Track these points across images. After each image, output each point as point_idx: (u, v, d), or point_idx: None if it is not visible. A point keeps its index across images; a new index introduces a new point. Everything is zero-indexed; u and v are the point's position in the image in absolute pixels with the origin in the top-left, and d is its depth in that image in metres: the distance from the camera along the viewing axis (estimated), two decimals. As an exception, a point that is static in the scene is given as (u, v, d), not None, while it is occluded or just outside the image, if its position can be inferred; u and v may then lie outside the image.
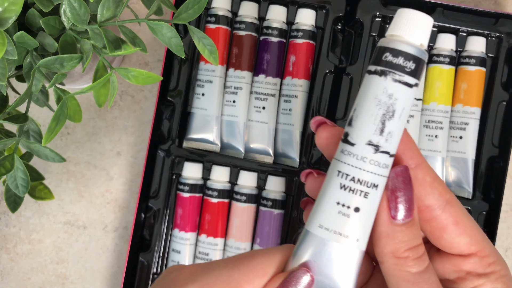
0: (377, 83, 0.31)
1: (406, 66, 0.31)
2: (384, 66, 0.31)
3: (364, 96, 0.32)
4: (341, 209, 0.32)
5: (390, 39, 0.32)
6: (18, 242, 0.69)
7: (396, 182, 0.32)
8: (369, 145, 0.32)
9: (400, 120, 0.31)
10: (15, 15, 0.41)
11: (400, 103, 0.31)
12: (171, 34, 0.48)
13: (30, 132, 0.52)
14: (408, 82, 0.31)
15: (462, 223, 0.33)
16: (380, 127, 0.31)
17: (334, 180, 0.32)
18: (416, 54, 0.31)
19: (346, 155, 0.32)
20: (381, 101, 0.31)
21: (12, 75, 0.50)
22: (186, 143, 0.64)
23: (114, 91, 0.48)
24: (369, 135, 0.32)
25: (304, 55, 0.63)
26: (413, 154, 0.34)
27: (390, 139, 0.32)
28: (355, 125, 0.32)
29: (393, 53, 0.31)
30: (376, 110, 0.31)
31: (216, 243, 0.63)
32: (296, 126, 0.63)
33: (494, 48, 0.63)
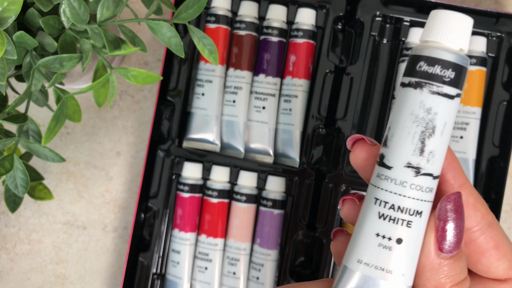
0: (412, 97, 0.28)
1: (445, 76, 0.28)
2: (419, 77, 0.28)
3: (399, 112, 0.29)
4: (381, 241, 0.29)
5: (424, 46, 0.29)
6: (17, 242, 0.69)
7: (447, 210, 0.29)
8: (408, 168, 0.28)
9: (442, 137, 0.28)
10: (15, 15, 0.41)
11: (441, 118, 0.28)
12: (171, 33, 0.48)
13: (30, 132, 0.52)
14: (448, 93, 0.28)
15: (502, 247, 0.31)
16: (419, 146, 0.28)
17: (371, 209, 0.29)
18: (455, 61, 0.28)
19: (383, 180, 0.29)
20: (418, 116, 0.28)
21: (12, 75, 0.50)
22: (186, 143, 0.64)
23: (113, 91, 0.48)
24: (408, 156, 0.28)
25: (304, 55, 0.63)
26: (456, 174, 0.31)
27: (432, 159, 0.28)
28: (391, 145, 0.29)
29: (429, 62, 0.28)
30: (414, 127, 0.28)
31: (216, 243, 0.63)
32: (296, 126, 0.63)
33: (494, 48, 0.63)
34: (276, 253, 0.63)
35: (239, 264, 0.62)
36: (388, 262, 0.28)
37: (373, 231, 0.29)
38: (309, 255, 0.64)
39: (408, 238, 0.28)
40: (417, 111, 0.28)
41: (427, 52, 0.28)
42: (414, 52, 0.29)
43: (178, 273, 0.63)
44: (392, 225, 0.28)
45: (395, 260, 0.28)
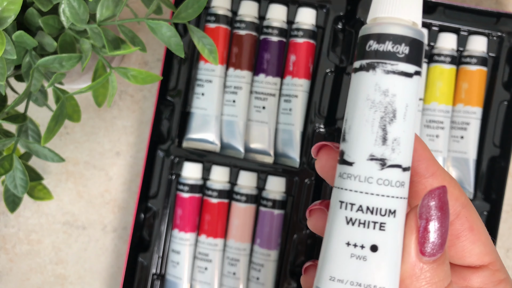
0: (365, 81, 0.25)
1: (398, 52, 0.24)
2: (370, 58, 0.24)
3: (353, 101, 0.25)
4: (353, 251, 0.24)
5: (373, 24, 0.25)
6: (17, 242, 0.69)
7: (430, 207, 0.26)
8: (372, 160, 0.25)
9: (405, 122, 0.25)
10: (14, 15, 0.41)
11: (401, 100, 0.24)
12: (170, 33, 0.47)
13: (29, 132, 0.52)
14: (405, 71, 0.24)
15: (477, 229, 0.29)
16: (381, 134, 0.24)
17: (337, 215, 0.25)
18: (408, 34, 0.24)
19: (345, 179, 0.25)
20: (375, 101, 0.24)
21: (11, 75, 0.50)
22: (186, 143, 0.64)
23: (113, 90, 0.48)
24: (370, 148, 0.25)
25: (304, 55, 0.63)
26: (428, 163, 0.28)
27: (398, 148, 0.25)
28: (350, 138, 0.25)
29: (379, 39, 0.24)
30: (372, 113, 0.24)
31: (216, 243, 0.63)
32: (296, 126, 0.63)
33: (495, 48, 0.63)
34: (276, 253, 0.63)
35: (239, 265, 0.62)
36: (365, 275, 0.24)
37: (342, 240, 0.25)
38: (309, 255, 0.64)
39: (384, 243, 0.24)
40: (373, 95, 0.24)
41: (375, 29, 0.25)
42: (362, 32, 0.25)
43: (178, 274, 0.63)
44: (363, 230, 0.24)
45: (372, 272, 0.24)
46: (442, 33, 0.62)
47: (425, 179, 0.28)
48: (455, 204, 0.29)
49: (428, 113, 0.62)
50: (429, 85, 0.62)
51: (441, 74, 0.62)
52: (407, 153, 0.25)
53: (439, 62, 0.62)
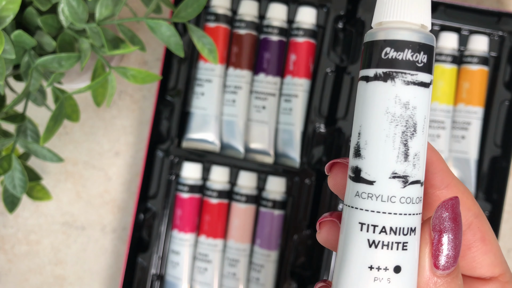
0: (384, 92, 0.23)
1: (417, 61, 0.23)
2: (387, 67, 0.23)
3: (370, 113, 0.24)
4: (377, 274, 0.23)
5: (382, 28, 0.23)
6: (15, 243, 0.69)
7: (444, 219, 0.25)
8: (394, 178, 0.23)
9: (423, 135, 0.24)
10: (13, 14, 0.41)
11: (421, 112, 0.23)
12: (170, 32, 0.47)
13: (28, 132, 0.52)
14: (424, 81, 0.23)
15: (488, 240, 0.28)
16: (403, 150, 0.23)
17: (358, 237, 0.24)
18: (425, 41, 0.23)
19: (365, 199, 0.24)
20: (395, 114, 0.23)
21: (10, 74, 0.50)
22: (185, 143, 0.64)
23: (112, 90, 0.48)
24: (392, 165, 0.23)
25: (304, 54, 0.63)
26: (444, 174, 0.28)
27: (418, 163, 0.24)
28: (368, 155, 0.24)
29: (396, 46, 0.23)
30: (393, 128, 0.23)
31: (216, 244, 0.62)
32: (296, 126, 0.62)
33: (496, 47, 0.63)
34: (276, 254, 0.62)
35: (239, 265, 0.62)
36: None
37: (365, 264, 0.24)
38: (309, 256, 0.64)
39: (406, 263, 0.24)
40: (393, 108, 0.23)
41: (390, 34, 0.23)
42: (372, 37, 0.24)
43: (178, 274, 0.63)
44: (386, 252, 0.23)
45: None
46: (443, 33, 0.62)
47: (440, 191, 0.28)
48: (468, 214, 0.28)
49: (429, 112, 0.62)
50: (430, 85, 0.62)
51: (442, 74, 0.62)
52: (423, 168, 0.24)
53: (440, 61, 0.62)
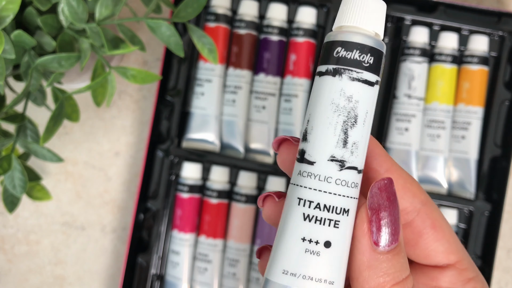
0: (331, 85, 0.27)
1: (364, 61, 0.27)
2: (337, 64, 0.27)
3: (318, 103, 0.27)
4: (308, 246, 0.26)
5: (340, 31, 0.27)
6: (15, 243, 0.69)
7: (379, 199, 0.27)
8: (332, 161, 0.26)
9: (364, 127, 0.27)
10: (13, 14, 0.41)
11: (362, 106, 0.27)
12: (170, 32, 0.47)
13: (28, 132, 0.52)
14: (369, 80, 0.27)
15: (440, 227, 0.30)
16: (342, 137, 0.27)
17: (295, 211, 0.27)
18: (374, 45, 0.27)
19: (305, 178, 0.27)
20: (339, 105, 0.27)
21: (10, 74, 0.50)
22: (185, 143, 0.64)
23: (112, 90, 0.48)
24: (331, 149, 0.27)
25: (304, 54, 0.63)
26: (382, 159, 0.30)
27: (356, 151, 0.27)
28: (312, 139, 0.27)
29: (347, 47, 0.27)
30: (335, 117, 0.27)
31: (216, 244, 0.62)
32: (296, 126, 0.62)
33: (496, 47, 0.63)
34: (276, 254, 0.62)
35: (239, 265, 0.62)
36: (318, 270, 0.26)
37: (298, 235, 0.26)
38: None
39: (336, 240, 0.26)
40: (338, 100, 0.27)
41: (344, 37, 0.27)
42: (330, 38, 0.27)
43: (178, 274, 0.63)
44: (319, 226, 0.26)
45: (324, 267, 0.26)
46: (443, 33, 0.62)
47: (380, 175, 0.29)
48: (414, 201, 0.29)
49: (429, 112, 0.62)
50: (430, 85, 0.62)
51: (442, 74, 0.62)
52: (363, 157, 0.27)
53: (440, 61, 0.62)
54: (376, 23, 0.27)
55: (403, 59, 0.63)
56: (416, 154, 0.62)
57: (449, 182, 0.63)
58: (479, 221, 0.62)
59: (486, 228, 0.62)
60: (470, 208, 0.62)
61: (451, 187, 0.63)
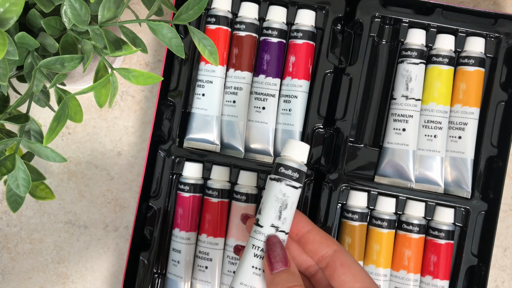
0: (275, 187, 0.47)
1: (293, 176, 0.47)
2: (280, 175, 0.47)
3: (268, 195, 0.47)
4: (255, 271, 0.47)
5: (283, 158, 0.48)
6: (19, 241, 0.69)
7: (267, 246, 0.46)
8: (272, 227, 0.47)
9: (291, 210, 0.47)
10: (16, 16, 0.41)
11: (290, 200, 0.47)
12: (171, 34, 0.48)
13: (31, 132, 0.52)
14: (295, 186, 0.47)
15: (346, 264, 0.46)
16: (278, 215, 0.47)
17: (250, 251, 0.47)
18: (299, 168, 0.47)
19: (257, 233, 0.47)
20: (278, 198, 0.47)
21: (13, 76, 0.50)
22: (187, 143, 0.64)
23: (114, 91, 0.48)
24: (272, 220, 0.47)
25: (304, 56, 0.63)
26: (304, 223, 0.49)
27: (285, 222, 0.47)
28: (263, 213, 0.47)
29: (285, 167, 0.47)
30: (276, 204, 0.47)
31: (217, 242, 0.63)
32: (296, 126, 0.63)
33: (493, 49, 0.63)
34: (276, 252, 0.63)
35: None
36: (257, 283, 0.47)
37: (251, 265, 0.47)
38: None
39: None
40: (278, 195, 0.47)
41: (285, 162, 0.47)
42: (278, 161, 0.48)
43: (179, 272, 0.63)
44: (260, 261, 0.47)
45: (260, 282, 0.47)
46: (440, 34, 0.63)
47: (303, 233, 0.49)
48: (328, 250, 0.48)
49: (426, 113, 0.62)
50: (427, 86, 0.63)
51: (439, 75, 0.62)
52: (289, 225, 0.48)
53: (437, 63, 0.62)
54: (302, 155, 0.48)
55: (401, 60, 0.63)
56: (413, 154, 0.62)
57: (446, 182, 0.63)
58: (475, 220, 0.62)
59: (482, 227, 0.63)
60: (466, 207, 0.62)
61: (447, 186, 0.63)
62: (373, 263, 0.62)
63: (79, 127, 0.69)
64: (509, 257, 0.68)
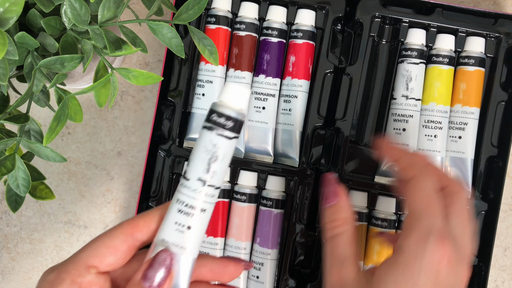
0: (206, 136, 0.41)
1: (226, 124, 0.41)
2: (211, 123, 0.41)
3: (197, 145, 0.42)
4: (178, 227, 0.42)
5: (217, 103, 0.42)
6: (19, 241, 0.69)
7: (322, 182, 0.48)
8: (199, 181, 0.41)
9: (222, 163, 0.42)
10: (16, 16, 0.41)
11: (222, 151, 0.41)
12: (171, 34, 0.48)
13: (31, 132, 0.52)
14: (228, 136, 0.41)
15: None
16: (206, 168, 0.41)
17: (173, 206, 0.42)
18: (234, 115, 0.41)
19: (183, 187, 0.42)
20: (207, 149, 0.41)
21: (13, 75, 0.50)
22: (187, 143, 0.64)
23: (114, 91, 0.48)
24: (199, 173, 0.41)
25: (304, 55, 0.63)
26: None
27: (215, 176, 0.41)
28: (190, 165, 0.42)
29: (218, 114, 0.41)
30: (204, 155, 0.41)
31: (216, 242, 0.63)
32: (296, 126, 0.63)
33: (493, 48, 0.63)
34: (276, 252, 0.63)
35: (239, 263, 0.63)
36: (181, 240, 0.41)
37: (173, 220, 0.42)
38: (308, 254, 0.64)
39: (193, 225, 0.42)
40: (208, 145, 0.41)
41: (217, 108, 0.41)
42: (211, 106, 0.42)
43: (179, 272, 0.63)
44: (185, 217, 0.41)
45: (184, 239, 0.41)
46: (440, 34, 0.63)
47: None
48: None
49: (426, 113, 0.62)
50: (427, 86, 0.63)
51: (439, 75, 0.62)
52: (220, 180, 0.42)
53: (437, 63, 0.62)
54: (240, 101, 0.42)
55: (401, 60, 0.63)
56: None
57: (446, 182, 0.63)
58: (475, 220, 0.62)
59: (482, 227, 0.63)
60: (467, 207, 0.62)
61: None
62: (374, 263, 0.62)
63: (79, 127, 0.69)
64: (509, 257, 0.68)
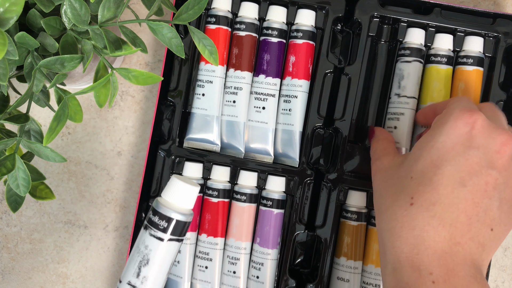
0: (141, 235, 0.39)
1: (160, 224, 0.39)
2: (147, 222, 0.39)
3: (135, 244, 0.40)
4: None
5: (157, 200, 0.40)
6: (19, 241, 0.69)
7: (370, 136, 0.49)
8: (128, 285, 0.40)
9: (154, 268, 0.39)
10: (16, 16, 0.41)
11: (153, 254, 0.39)
12: (171, 34, 0.48)
13: (31, 132, 0.52)
14: (160, 237, 0.39)
15: None
16: (137, 271, 0.39)
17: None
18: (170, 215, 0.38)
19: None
20: (140, 250, 0.39)
21: (13, 75, 0.50)
22: (187, 143, 0.64)
23: (114, 91, 0.48)
24: (129, 277, 0.39)
25: (304, 55, 0.63)
26: None
27: (145, 282, 0.39)
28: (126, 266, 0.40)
29: (153, 212, 0.39)
30: (136, 257, 0.39)
31: (216, 242, 0.63)
32: (296, 126, 0.63)
33: (491, 48, 0.63)
34: (276, 252, 0.63)
35: (239, 263, 0.63)
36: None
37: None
38: (308, 254, 0.64)
39: None
40: (140, 246, 0.39)
41: (155, 205, 0.38)
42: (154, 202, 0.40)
43: (179, 272, 0.63)
44: None
45: None
46: (439, 34, 0.63)
47: None
48: None
49: (425, 113, 0.63)
50: (426, 86, 0.63)
51: (437, 75, 0.62)
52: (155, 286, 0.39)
53: (436, 62, 0.62)
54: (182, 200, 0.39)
55: (397, 59, 0.63)
56: (406, 152, 0.62)
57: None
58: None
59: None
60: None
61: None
62: (373, 263, 0.62)
63: (79, 127, 0.69)
64: (509, 257, 0.68)
